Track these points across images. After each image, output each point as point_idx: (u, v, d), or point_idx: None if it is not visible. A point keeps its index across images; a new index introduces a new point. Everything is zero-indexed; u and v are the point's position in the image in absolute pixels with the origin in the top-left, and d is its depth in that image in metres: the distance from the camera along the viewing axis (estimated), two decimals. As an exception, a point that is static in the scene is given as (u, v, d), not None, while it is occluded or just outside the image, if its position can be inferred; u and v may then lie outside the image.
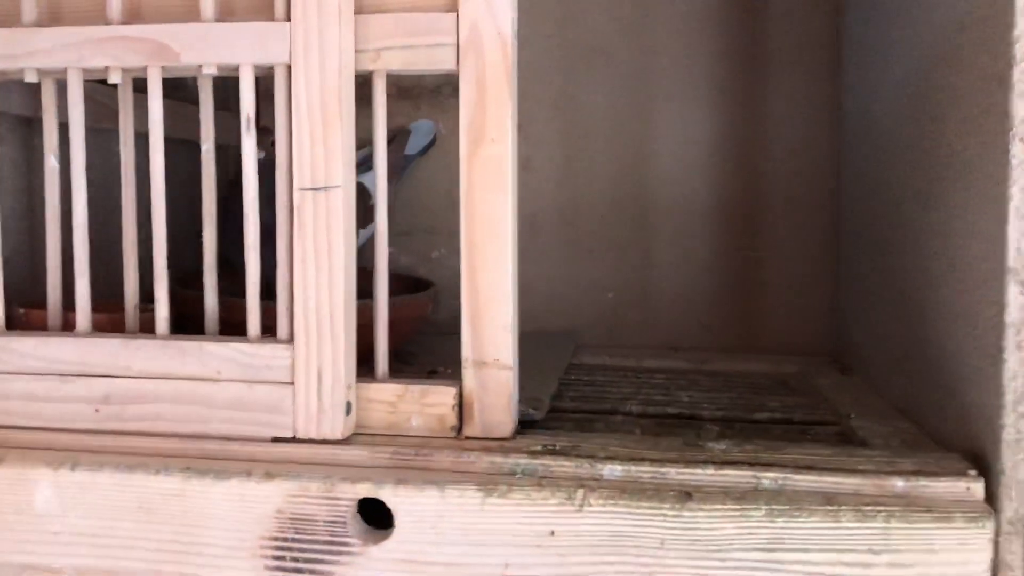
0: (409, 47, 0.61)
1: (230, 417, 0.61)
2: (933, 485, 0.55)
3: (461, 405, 0.62)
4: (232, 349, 0.61)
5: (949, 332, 0.64)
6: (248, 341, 0.62)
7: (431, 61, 0.61)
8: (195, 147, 0.64)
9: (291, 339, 0.61)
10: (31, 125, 0.74)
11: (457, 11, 0.60)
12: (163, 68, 0.62)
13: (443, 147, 1.10)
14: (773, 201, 1.04)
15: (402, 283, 1.04)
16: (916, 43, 0.73)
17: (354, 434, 0.62)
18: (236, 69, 0.61)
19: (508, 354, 0.61)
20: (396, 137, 1.07)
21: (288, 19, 0.60)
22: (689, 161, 1.06)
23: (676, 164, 1.06)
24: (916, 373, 0.71)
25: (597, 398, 0.83)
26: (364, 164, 1.05)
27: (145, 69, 0.62)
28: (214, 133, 0.64)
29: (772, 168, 1.04)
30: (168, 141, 0.64)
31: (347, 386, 0.61)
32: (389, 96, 1.15)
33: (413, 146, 1.08)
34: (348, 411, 0.61)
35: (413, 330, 0.96)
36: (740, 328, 1.06)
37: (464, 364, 0.62)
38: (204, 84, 0.63)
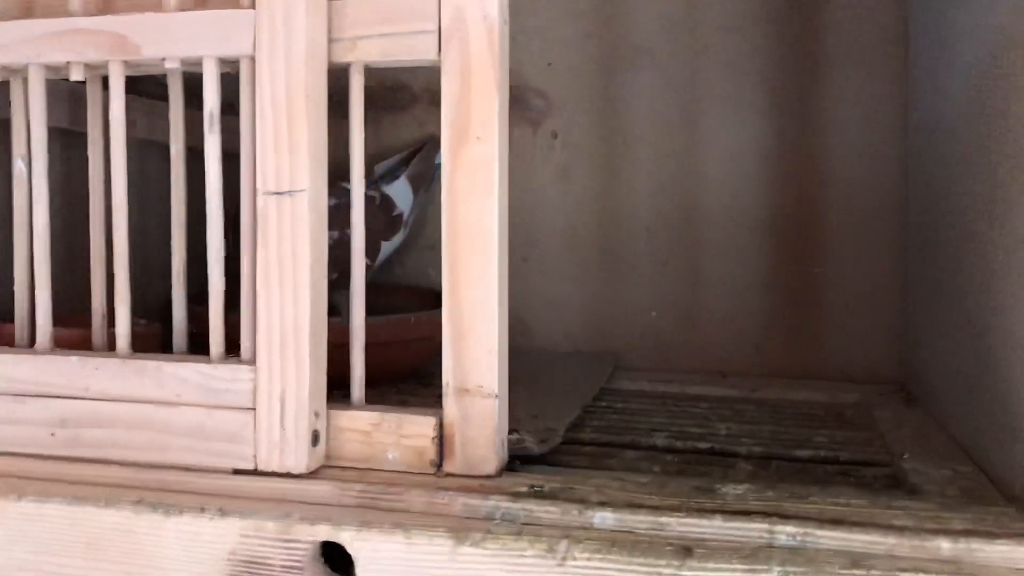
0: (388, 35, 0.55)
1: (189, 445, 0.56)
2: (987, 549, 0.45)
3: (442, 437, 0.55)
4: (192, 370, 0.56)
5: (1016, 363, 0.54)
6: (209, 361, 0.56)
7: (412, 51, 0.54)
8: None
9: (254, 360, 0.55)
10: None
11: (439, -6, 0.54)
12: (125, 63, 0.57)
13: (477, 155, 1.03)
14: (833, 213, 0.95)
15: (428, 298, 0.97)
16: (984, 25, 0.63)
17: (324, 467, 0.56)
18: (201, 63, 0.56)
19: (493, 380, 0.54)
20: (426, 144, 1.01)
21: (254, 6, 0.54)
22: (740, 169, 0.97)
23: (725, 173, 0.97)
24: (982, 408, 0.61)
25: (623, 428, 0.75)
26: (391, 174, 1.00)
27: (107, 64, 0.57)
28: (184, 134, 0.59)
29: (832, 176, 0.95)
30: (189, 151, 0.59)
31: (314, 413, 0.55)
32: (421, 102, 1.11)
33: (444, 154, 1.01)
34: (315, 441, 0.55)
35: (433, 349, 0.89)
36: (796, 352, 0.96)
37: (444, 391, 0.55)
38: (172, 80, 0.58)
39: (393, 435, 0.56)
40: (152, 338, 0.70)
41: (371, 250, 0.93)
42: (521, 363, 0.98)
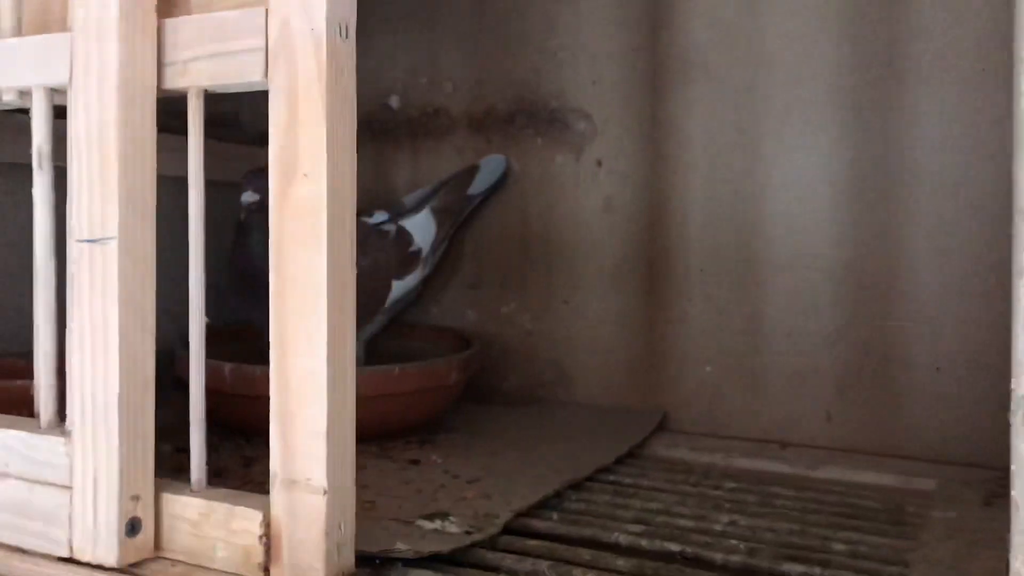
0: (217, 55, 0.46)
1: (12, 523, 0.50)
2: None
3: (269, 536, 0.46)
4: (15, 437, 0.50)
5: None
6: (32, 429, 0.50)
7: (240, 72, 0.46)
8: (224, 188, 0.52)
9: (71, 432, 0.48)
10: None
11: (267, 4, 0.45)
12: (-34, 96, 0.52)
13: (519, 186, 0.93)
14: (922, 255, 0.77)
15: (455, 341, 0.88)
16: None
17: (153, 559, 0.48)
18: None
19: (321, 472, 0.44)
20: (457, 175, 0.92)
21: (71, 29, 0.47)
22: (809, 200, 0.81)
23: (792, 204, 0.82)
24: None
25: (597, 516, 0.63)
26: (417, 207, 0.91)
27: (-46, 98, 0.52)
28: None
29: (920, 210, 0.77)
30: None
31: (131, 497, 0.47)
32: (461, 127, 1.01)
33: (479, 185, 0.92)
34: (132, 531, 0.47)
35: (433, 402, 0.80)
36: (873, 423, 0.79)
37: (272, 482, 0.46)
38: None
39: (222, 528, 0.47)
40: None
41: (380, 290, 0.85)
42: (544, 419, 0.87)
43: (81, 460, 0.47)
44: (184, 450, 0.49)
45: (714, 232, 0.84)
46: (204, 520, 0.47)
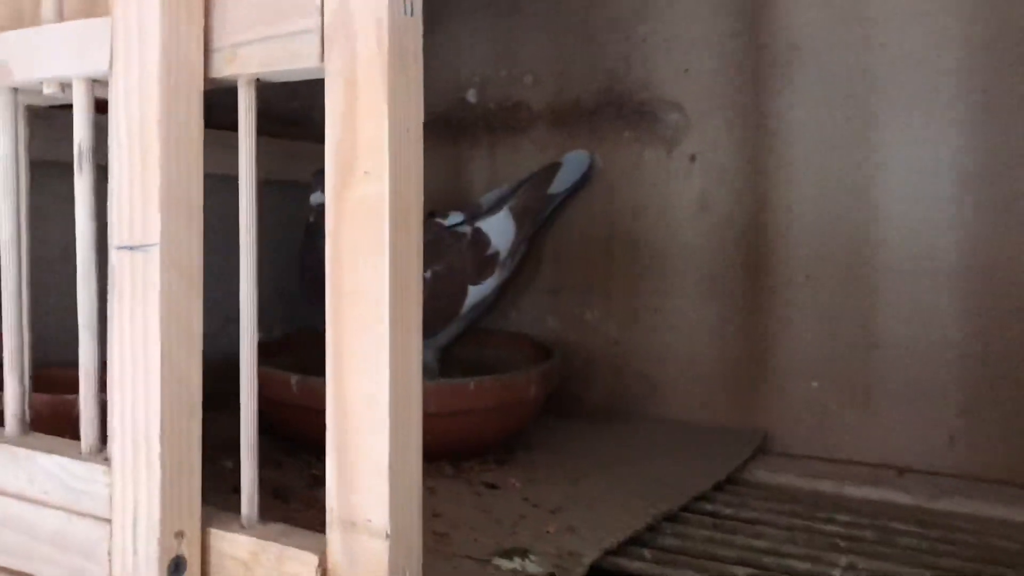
0: (268, 39, 0.41)
1: (51, 557, 0.45)
2: None
3: (325, 582, 0.40)
4: (56, 463, 0.45)
5: None
6: (72, 455, 0.45)
7: (294, 56, 0.40)
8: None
9: (111, 459, 0.43)
10: None
11: (324, -20, 0.39)
12: (7, 89, 0.47)
13: (604, 184, 0.87)
14: (1063, 258, 0.68)
15: (534, 351, 0.82)
16: None
17: (200, 601, 0.43)
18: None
19: (383, 513, 0.39)
20: (538, 172, 0.86)
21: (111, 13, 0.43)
22: (929, 199, 0.73)
23: (910, 203, 0.73)
24: None
25: (696, 555, 0.56)
26: (495, 208, 0.85)
27: (-6, 92, 0.48)
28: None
29: (1062, 208, 0.68)
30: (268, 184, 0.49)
31: (174, 534, 0.42)
32: (542, 122, 0.95)
33: (561, 183, 0.86)
34: (176, 570, 0.42)
35: (511, 419, 0.74)
36: (1004, 448, 0.71)
37: (329, 520, 0.40)
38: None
39: (274, 571, 0.42)
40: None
41: (455, 296, 0.80)
42: (632, 437, 0.81)
43: (121, 491, 0.43)
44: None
45: (822, 233, 0.77)
46: (254, 561, 0.42)
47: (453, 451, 0.71)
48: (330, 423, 0.40)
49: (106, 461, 0.44)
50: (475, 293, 0.80)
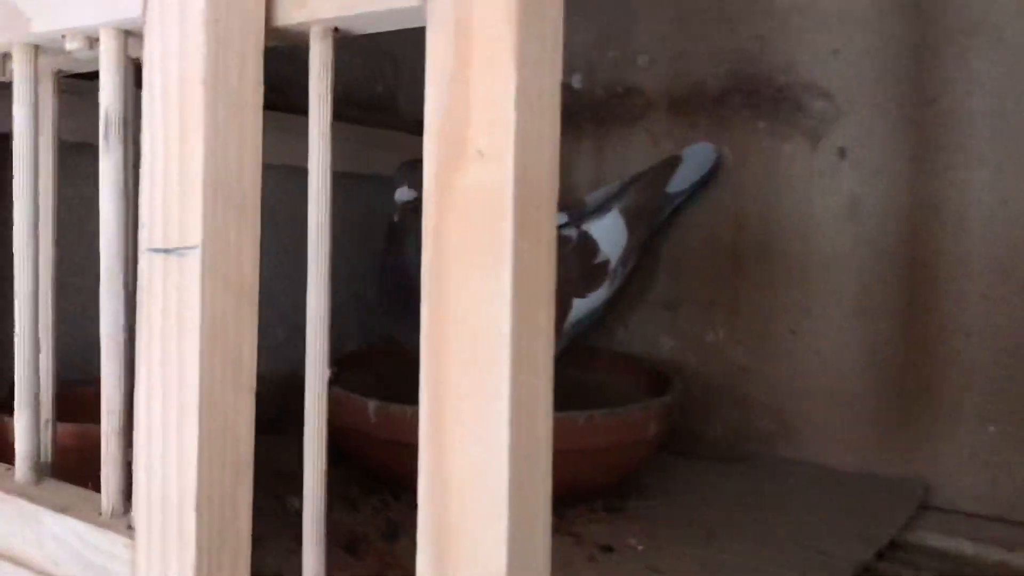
0: (351, -28, 0.30)
1: (60, 646, 0.35)
2: None
3: None
4: (69, 530, 0.35)
5: None
6: (91, 518, 0.35)
7: (383, -3, 0.30)
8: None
9: (134, 526, 0.33)
10: None
11: None
12: (25, 46, 0.38)
13: (732, 182, 0.75)
14: None
15: (644, 377, 0.71)
16: None
17: None
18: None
19: (495, 629, 0.27)
20: (653, 168, 0.75)
21: (147, -56, 0.32)
22: None
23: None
24: None
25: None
26: (603, 208, 0.74)
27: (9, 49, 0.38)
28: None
29: None
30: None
31: (213, 628, 0.32)
32: (658, 110, 0.82)
33: (681, 180, 0.74)
34: None
35: (626, 460, 0.62)
36: None
37: (418, 629, 0.29)
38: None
39: None
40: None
41: (557, 310, 0.68)
42: (767, 483, 0.68)
43: (147, 564, 0.32)
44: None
45: (1004, 245, 0.64)
46: (318, 669, 0.31)
47: (556, 496, 0.59)
48: (423, 496, 0.29)
49: (129, 530, 0.33)
50: (581, 307, 0.69)
